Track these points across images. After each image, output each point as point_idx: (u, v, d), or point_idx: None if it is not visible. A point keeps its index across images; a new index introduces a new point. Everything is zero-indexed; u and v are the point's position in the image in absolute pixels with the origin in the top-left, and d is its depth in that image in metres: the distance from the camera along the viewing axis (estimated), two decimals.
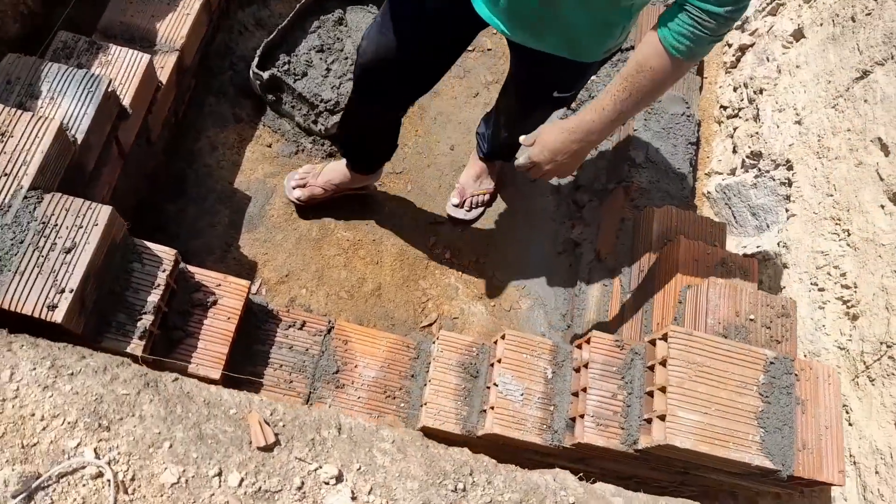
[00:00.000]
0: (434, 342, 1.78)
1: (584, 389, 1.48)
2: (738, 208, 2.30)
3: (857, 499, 1.57)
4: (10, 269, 1.30)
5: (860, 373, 1.64)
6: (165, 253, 1.51)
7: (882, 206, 1.69)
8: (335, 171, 2.23)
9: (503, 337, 1.61)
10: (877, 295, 1.64)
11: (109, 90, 1.61)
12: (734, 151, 2.39)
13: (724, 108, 2.51)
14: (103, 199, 1.76)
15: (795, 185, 1.97)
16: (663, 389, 1.38)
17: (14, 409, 1.15)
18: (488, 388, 1.63)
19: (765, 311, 1.61)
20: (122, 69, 1.75)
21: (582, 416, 1.46)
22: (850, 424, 1.63)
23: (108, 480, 1.11)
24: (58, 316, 1.29)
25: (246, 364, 1.72)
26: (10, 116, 1.40)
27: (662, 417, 1.35)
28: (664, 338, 1.43)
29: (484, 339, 1.74)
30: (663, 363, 1.40)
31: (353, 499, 1.23)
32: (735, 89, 2.45)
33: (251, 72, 2.31)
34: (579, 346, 1.57)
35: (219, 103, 2.36)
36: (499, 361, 1.59)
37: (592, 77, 2.36)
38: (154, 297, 1.48)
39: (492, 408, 1.56)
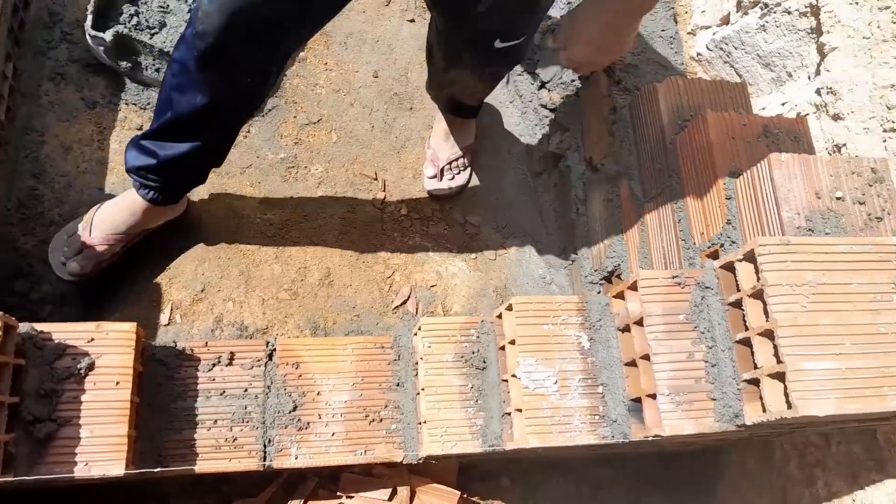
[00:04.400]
0: (415, 333, 1.30)
1: (647, 357, 1.02)
2: (743, 62, 1.83)
3: None
4: None
5: None
6: None
7: None
8: (116, 213, 1.56)
9: (509, 308, 1.14)
10: None
11: None
12: None
13: None
14: None
15: (826, 10, 1.49)
16: (768, 334, 0.92)
17: None
18: (505, 381, 1.17)
19: (851, 181, 1.16)
20: None
21: (653, 396, 1.00)
22: None
23: None
24: None
25: (166, 434, 1.22)
26: None
27: (779, 376, 0.90)
28: (748, 258, 0.96)
29: (481, 315, 1.26)
30: (757, 295, 0.94)
31: None
32: None
33: (87, 36, 1.73)
34: (619, 296, 1.10)
35: (59, 89, 1.78)
36: (512, 343, 1.12)
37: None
38: None
39: (518, 410, 1.09)
